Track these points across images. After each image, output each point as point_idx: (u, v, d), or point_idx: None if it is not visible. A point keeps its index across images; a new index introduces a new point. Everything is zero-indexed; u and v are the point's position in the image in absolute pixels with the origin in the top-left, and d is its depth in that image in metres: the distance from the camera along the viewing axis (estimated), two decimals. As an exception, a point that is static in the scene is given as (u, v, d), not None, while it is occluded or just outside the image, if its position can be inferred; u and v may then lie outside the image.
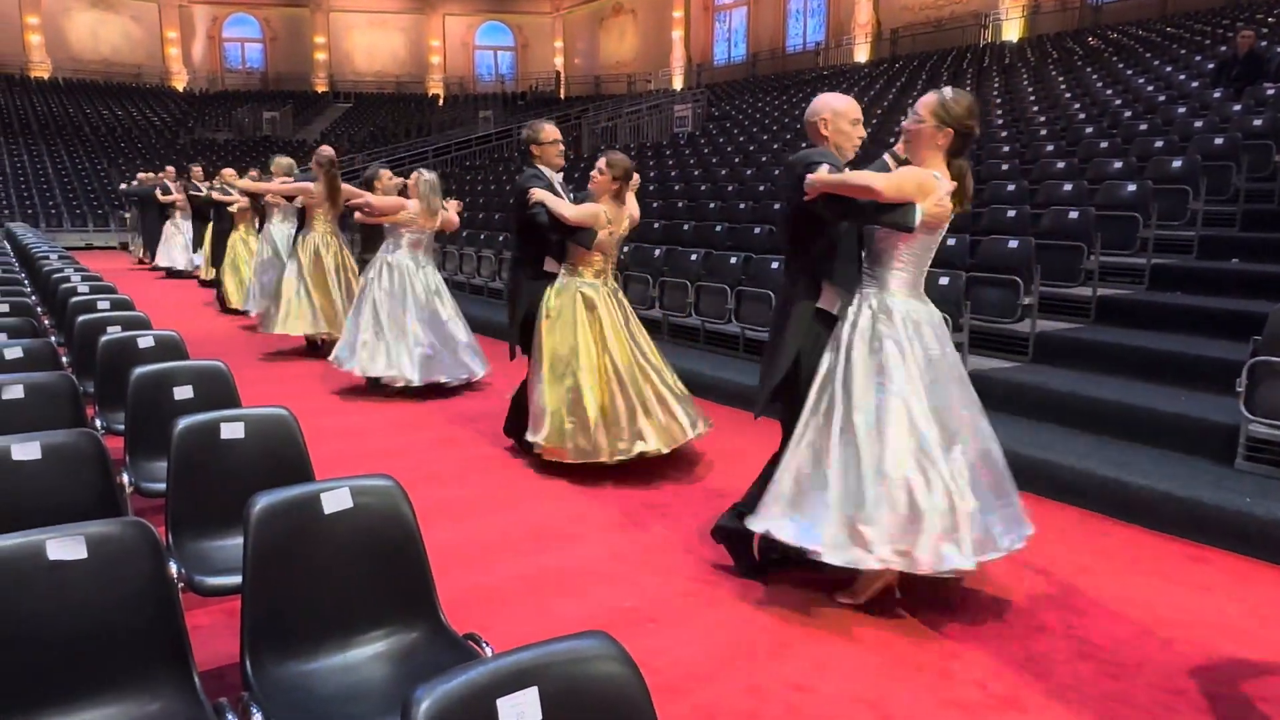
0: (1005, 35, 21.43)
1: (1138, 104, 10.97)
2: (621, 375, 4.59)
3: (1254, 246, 6.72)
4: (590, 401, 4.54)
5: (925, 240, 3.05)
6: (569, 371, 4.59)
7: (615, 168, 4.62)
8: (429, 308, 6.45)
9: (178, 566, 2.41)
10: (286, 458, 2.79)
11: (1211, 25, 15.21)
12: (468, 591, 3.31)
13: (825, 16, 27.01)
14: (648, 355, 4.77)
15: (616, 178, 4.61)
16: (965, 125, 2.96)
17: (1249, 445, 4.18)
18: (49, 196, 23.31)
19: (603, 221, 4.61)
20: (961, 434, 3.04)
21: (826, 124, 3.22)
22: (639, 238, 9.76)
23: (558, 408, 4.58)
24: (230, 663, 2.54)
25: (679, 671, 2.79)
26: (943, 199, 2.93)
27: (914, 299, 3.10)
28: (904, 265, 3.06)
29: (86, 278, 6.70)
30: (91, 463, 2.62)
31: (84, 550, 1.90)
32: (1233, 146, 7.72)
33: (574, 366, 4.58)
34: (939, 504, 2.90)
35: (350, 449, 5.15)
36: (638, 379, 4.63)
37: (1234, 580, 3.45)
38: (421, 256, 6.60)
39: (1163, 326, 5.84)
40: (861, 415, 2.99)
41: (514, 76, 37.07)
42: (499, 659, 1.40)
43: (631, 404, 4.57)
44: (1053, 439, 4.75)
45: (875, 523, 2.91)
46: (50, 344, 4.21)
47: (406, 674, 2.05)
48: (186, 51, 34.28)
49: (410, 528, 2.21)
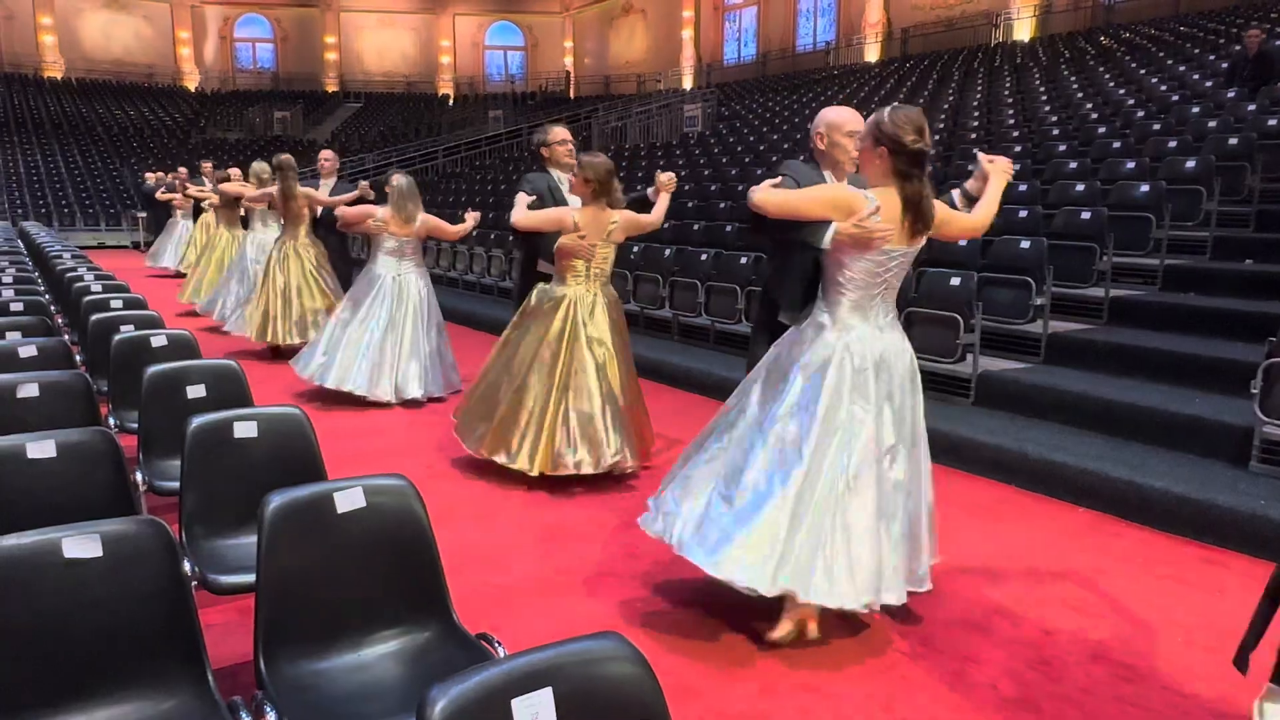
0: (1017, 35, 21.33)
1: (1151, 104, 10.90)
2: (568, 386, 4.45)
3: (1268, 247, 6.67)
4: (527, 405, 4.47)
5: (865, 264, 2.83)
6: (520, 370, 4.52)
7: (585, 169, 4.38)
8: (411, 321, 6.22)
9: (191, 565, 2.42)
10: (299, 457, 2.80)
11: (1225, 24, 15.11)
12: (480, 591, 3.32)
13: (835, 16, 26.94)
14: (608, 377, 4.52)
15: (587, 179, 4.37)
16: (897, 142, 2.72)
17: (1263, 447, 4.15)
18: (62, 196, 23.45)
19: (569, 225, 4.40)
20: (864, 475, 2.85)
21: (823, 138, 3.25)
22: (648, 237, 9.76)
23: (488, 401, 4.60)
24: (244, 661, 2.55)
25: (692, 672, 2.79)
26: (866, 220, 2.73)
27: (862, 323, 2.89)
28: (847, 288, 2.87)
29: (100, 277, 6.74)
30: (106, 461, 2.64)
31: (99, 548, 1.90)
32: (1247, 147, 7.66)
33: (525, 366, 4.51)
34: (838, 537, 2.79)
35: (363, 448, 5.16)
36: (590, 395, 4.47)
37: (1248, 583, 3.42)
38: (402, 265, 6.30)
39: (1176, 328, 5.80)
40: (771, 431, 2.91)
41: (524, 76, 37.12)
42: (513, 659, 1.40)
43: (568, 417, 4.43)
44: (1065, 440, 4.73)
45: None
46: (64, 343, 4.23)
47: (419, 674, 2.06)
48: (198, 51, 34.46)
49: (423, 527, 2.21)
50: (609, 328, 4.58)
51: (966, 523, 4.08)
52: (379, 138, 29.77)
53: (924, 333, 5.67)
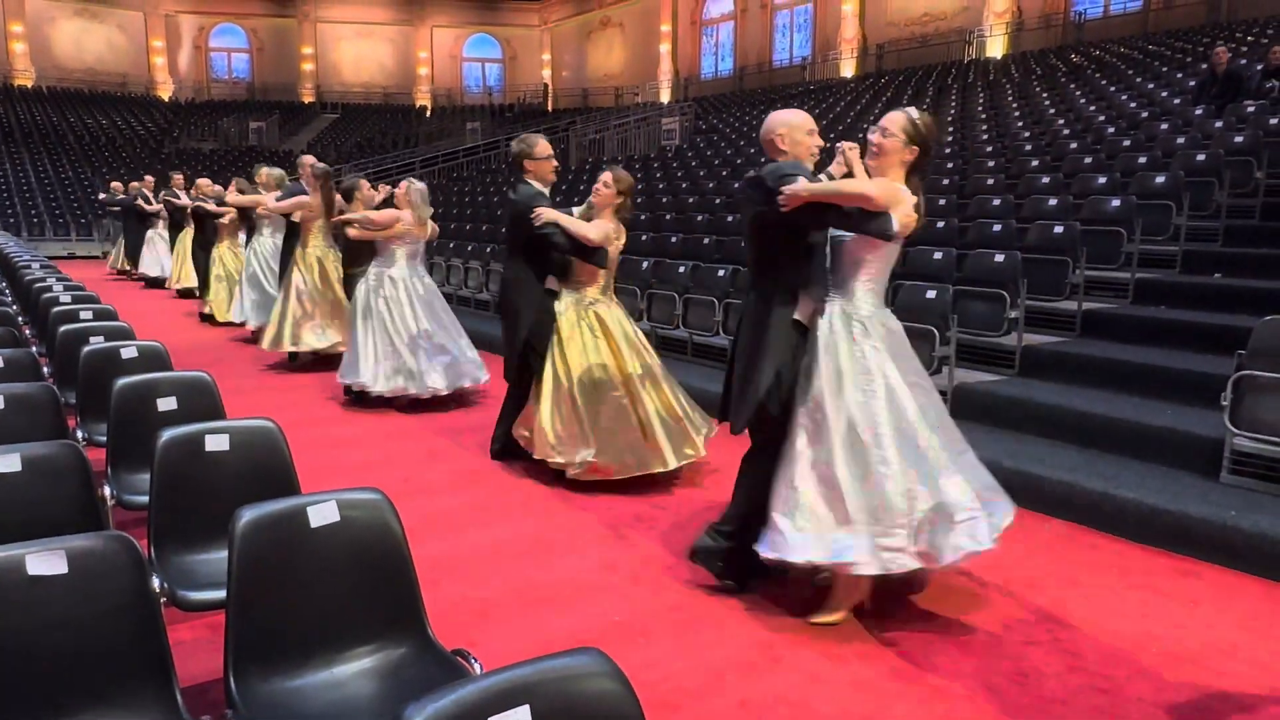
0: (989, 51, 21.64)
1: (1121, 120, 11.08)
2: (639, 388, 4.62)
3: (1236, 261, 6.79)
4: (633, 415, 4.58)
5: (891, 250, 3.14)
6: (604, 389, 4.58)
7: (621, 182, 4.66)
8: (437, 316, 6.44)
9: (160, 581, 2.38)
10: (272, 470, 2.76)
11: (1193, 43, 15.42)
12: (456, 606, 3.28)
13: (812, 32, 27.21)
14: (655, 368, 4.79)
15: (621, 192, 4.65)
16: (930, 144, 3.10)
17: (1234, 459, 4.20)
18: (31, 205, 23.12)
19: (611, 238, 4.64)
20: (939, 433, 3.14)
21: (783, 139, 3.28)
22: (628, 250, 9.75)
23: (608, 425, 4.56)
24: (214, 679, 2.50)
25: (671, 687, 2.77)
26: (909, 211, 3.02)
27: (879, 307, 3.19)
28: (872, 275, 3.14)
29: (69, 287, 6.64)
30: (73, 475, 2.58)
31: (64, 565, 1.86)
32: (1215, 163, 7.80)
33: (607, 383, 4.58)
34: (951, 496, 2.99)
35: (337, 461, 5.11)
36: (654, 392, 4.68)
37: (1222, 593, 3.46)
38: (419, 267, 6.57)
39: (1148, 340, 5.87)
40: (860, 421, 3.03)
41: (502, 88, 37.14)
42: (490, 676, 1.38)
43: (648, 418, 4.60)
44: (1039, 452, 4.76)
45: (896, 527, 2.96)
46: (31, 354, 4.16)
47: (394, 691, 2.02)
48: (172, 61, 34.15)
49: (398, 541, 2.18)
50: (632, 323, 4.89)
51: (943, 534, 4.09)
52: (355, 149, 29.61)
53: (900, 345, 5.71)
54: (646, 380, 4.68)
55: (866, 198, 2.97)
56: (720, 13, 30.65)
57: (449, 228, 13.90)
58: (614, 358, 4.64)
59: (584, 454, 4.53)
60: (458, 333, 6.57)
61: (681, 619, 3.22)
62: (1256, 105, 9.57)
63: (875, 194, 2.96)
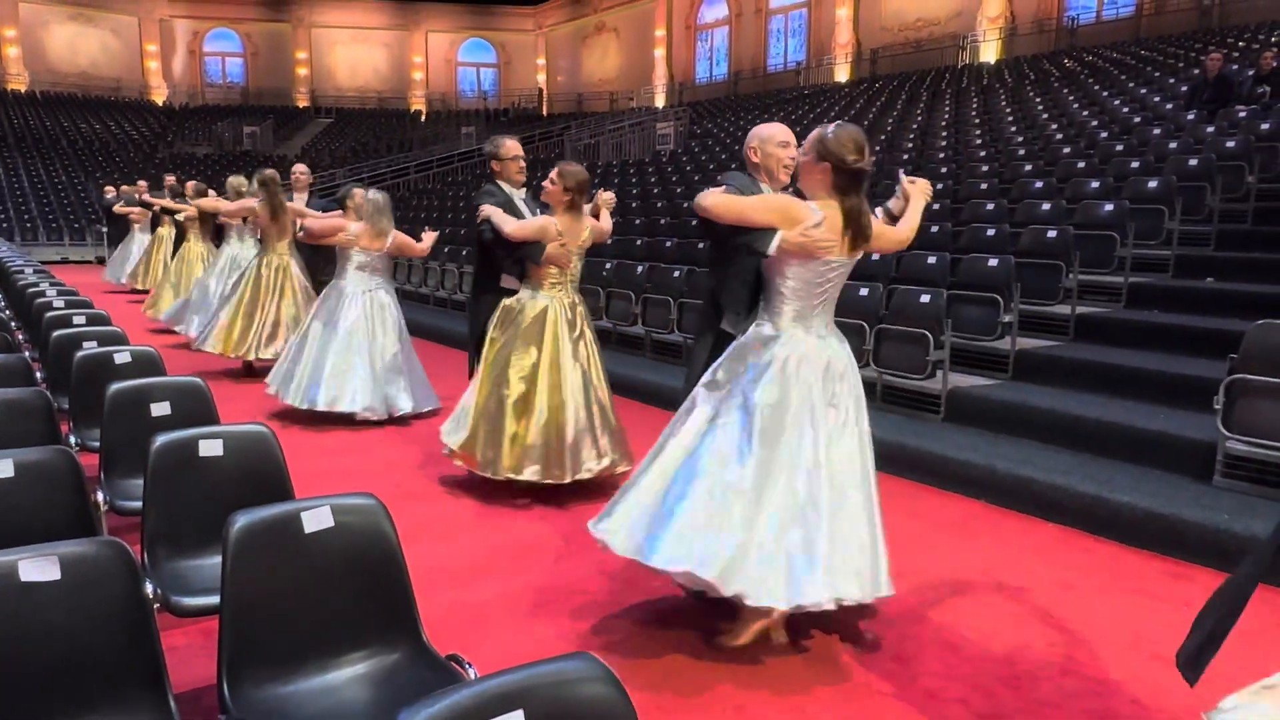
0: (983, 56, 21.73)
1: (1114, 125, 11.13)
2: (565, 398, 4.49)
3: (1228, 265, 6.82)
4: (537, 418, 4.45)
5: (805, 273, 2.90)
6: (519, 385, 4.48)
7: (566, 178, 4.48)
8: (370, 336, 6.09)
9: (154, 587, 2.37)
10: (266, 476, 2.75)
11: (1185, 49, 15.50)
12: (451, 611, 3.28)
13: (806, 37, 27.28)
14: (592, 382, 4.62)
15: (568, 188, 4.47)
16: (840, 159, 2.82)
17: (1226, 462, 4.22)
18: (25, 210, 23.05)
19: (552, 234, 4.46)
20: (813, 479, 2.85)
21: (755, 151, 3.32)
22: (623, 254, 9.78)
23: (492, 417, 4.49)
24: (207, 685, 2.50)
25: (666, 693, 2.76)
26: (811, 230, 2.81)
27: (805, 333, 2.95)
28: (788, 296, 2.94)
29: (62, 292, 6.62)
30: (66, 481, 2.57)
31: (58, 571, 1.86)
32: (1207, 167, 7.84)
33: (529, 383, 4.48)
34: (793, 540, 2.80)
35: (331, 467, 5.10)
36: (579, 404, 4.53)
37: (1214, 597, 3.47)
38: (372, 280, 6.23)
39: (1140, 344, 5.90)
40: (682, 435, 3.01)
41: (496, 93, 37.16)
42: (484, 681, 1.38)
43: (564, 430, 4.47)
44: (1033, 456, 4.78)
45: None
46: (25, 359, 4.15)
47: (388, 696, 2.02)
48: (166, 65, 34.11)
49: (392, 547, 2.18)
50: (589, 333, 4.67)
51: (937, 538, 4.10)
52: (350, 153, 29.60)
53: (894, 349, 5.72)
54: (570, 388, 4.51)
55: (734, 209, 2.91)
56: (715, 18, 30.72)
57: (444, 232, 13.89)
58: (545, 361, 4.50)
59: (458, 437, 4.56)
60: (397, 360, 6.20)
61: (677, 625, 3.22)
62: (1248, 110, 9.61)
63: (717, 204, 2.90)
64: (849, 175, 2.85)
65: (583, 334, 4.66)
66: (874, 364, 5.79)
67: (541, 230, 4.47)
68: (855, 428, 2.97)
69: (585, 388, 4.58)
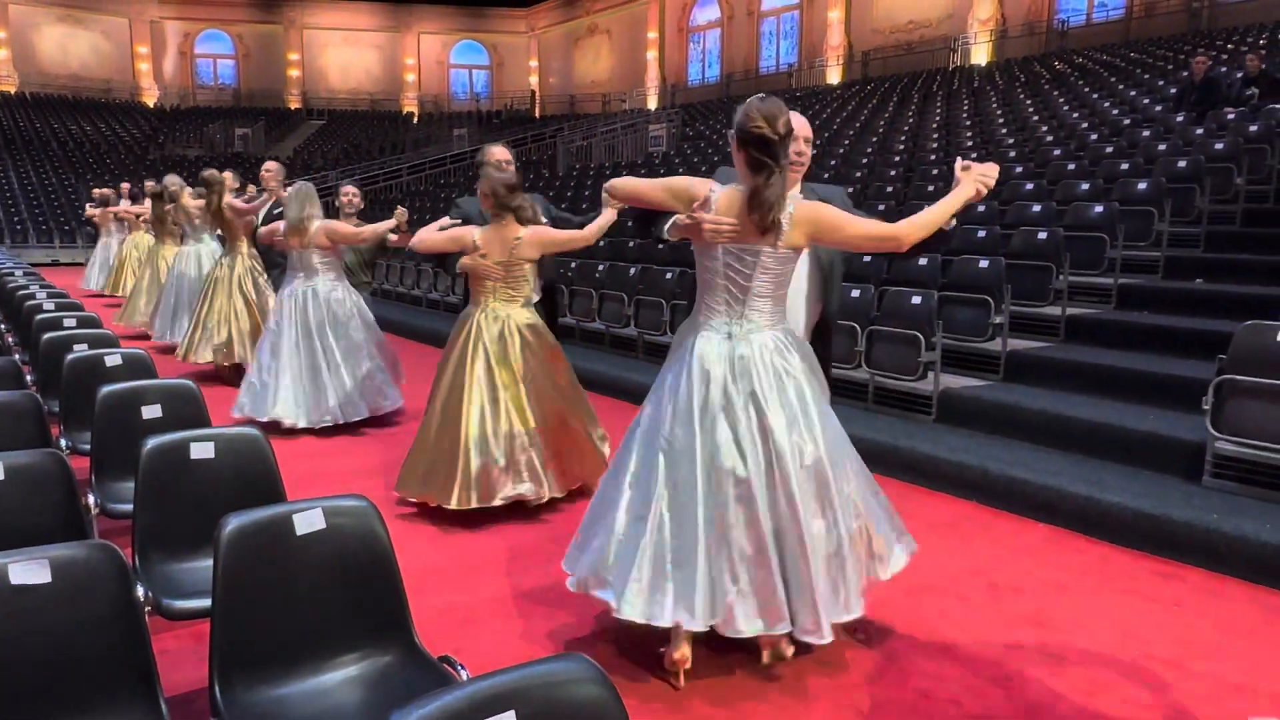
0: (974, 59, 21.81)
1: (1103, 127, 11.19)
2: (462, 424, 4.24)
3: (1217, 267, 6.87)
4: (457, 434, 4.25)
5: (710, 261, 2.71)
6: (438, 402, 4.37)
7: (483, 183, 4.27)
8: (312, 340, 5.80)
9: (145, 589, 2.37)
10: (257, 478, 2.75)
11: (1174, 51, 15.59)
12: (443, 613, 3.27)
13: (798, 39, 27.36)
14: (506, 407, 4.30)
15: (485, 194, 4.26)
16: (743, 131, 2.63)
17: (1215, 462, 4.24)
18: (15, 212, 22.96)
19: (467, 244, 4.24)
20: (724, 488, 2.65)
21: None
22: (615, 256, 9.78)
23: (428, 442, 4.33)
24: (199, 688, 2.49)
25: (657, 694, 2.77)
26: (696, 209, 2.62)
27: (712, 332, 2.75)
28: (702, 290, 2.78)
29: (53, 295, 6.60)
30: (56, 483, 2.57)
31: (48, 574, 1.85)
32: (1196, 169, 7.89)
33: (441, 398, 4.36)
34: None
35: (323, 469, 5.09)
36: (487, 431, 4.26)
37: (1204, 597, 3.49)
38: (309, 280, 5.88)
39: (1130, 345, 5.93)
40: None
41: (489, 95, 37.16)
42: (475, 683, 1.39)
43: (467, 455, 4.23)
44: (1025, 456, 4.80)
45: None
46: (14, 362, 4.14)
47: (380, 698, 2.02)
48: (158, 67, 34.02)
49: (384, 549, 2.18)
50: (520, 351, 4.33)
51: (928, 539, 4.10)
52: (342, 155, 29.56)
53: (886, 350, 5.74)
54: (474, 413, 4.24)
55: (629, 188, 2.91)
56: (707, 20, 30.77)
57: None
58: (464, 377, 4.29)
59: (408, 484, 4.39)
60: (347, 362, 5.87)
61: (669, 625, 3.22)
62: (1237, 113, 9.68)
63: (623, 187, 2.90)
64: (756, 146, 2.60)
65: (508, 351, 4.30)
66: (866, 365, 5.81)
67: (454, 240, 4.28)
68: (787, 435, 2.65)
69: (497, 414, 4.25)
